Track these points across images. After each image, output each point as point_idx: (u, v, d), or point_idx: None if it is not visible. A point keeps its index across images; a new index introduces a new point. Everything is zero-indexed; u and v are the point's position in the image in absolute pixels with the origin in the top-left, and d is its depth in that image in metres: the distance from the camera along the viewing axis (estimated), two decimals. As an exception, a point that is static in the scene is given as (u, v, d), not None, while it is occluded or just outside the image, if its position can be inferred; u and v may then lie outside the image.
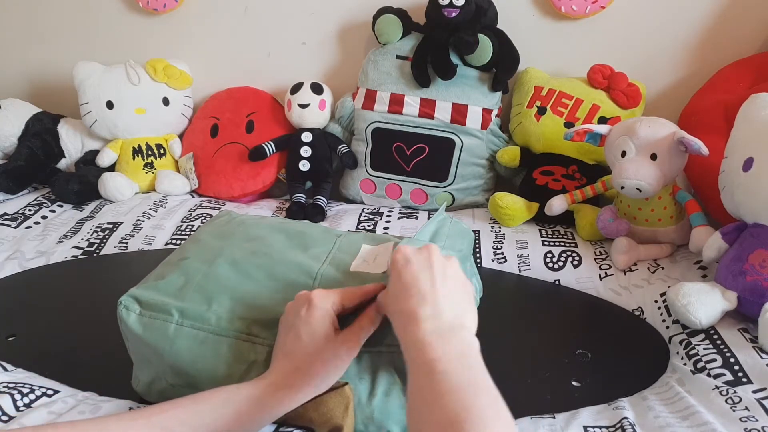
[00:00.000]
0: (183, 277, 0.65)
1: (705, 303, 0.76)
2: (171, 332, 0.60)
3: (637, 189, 0.92)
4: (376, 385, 0.56)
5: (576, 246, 1.04)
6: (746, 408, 0.62)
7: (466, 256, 0.75)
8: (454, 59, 1.20)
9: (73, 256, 1.06)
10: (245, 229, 0.74)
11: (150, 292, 0.63)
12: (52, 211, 1.25)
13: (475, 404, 0.40)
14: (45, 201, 1.28)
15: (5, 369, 0.71)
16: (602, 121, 1.17)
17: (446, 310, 0.50)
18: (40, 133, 1.38)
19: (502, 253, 1.03)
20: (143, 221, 1.17)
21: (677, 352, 0.76)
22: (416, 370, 0.46)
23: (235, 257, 0.67)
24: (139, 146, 1.36)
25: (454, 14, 1.17)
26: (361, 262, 0.65)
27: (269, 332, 0.58)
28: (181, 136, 1.43)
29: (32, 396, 0.64)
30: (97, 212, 1.23)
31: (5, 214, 1.21)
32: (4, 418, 0.60)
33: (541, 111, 1.21)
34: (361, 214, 1.22)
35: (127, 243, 1.10)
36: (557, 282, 0.97)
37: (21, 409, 0.61)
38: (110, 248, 1.08)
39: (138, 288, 0.65)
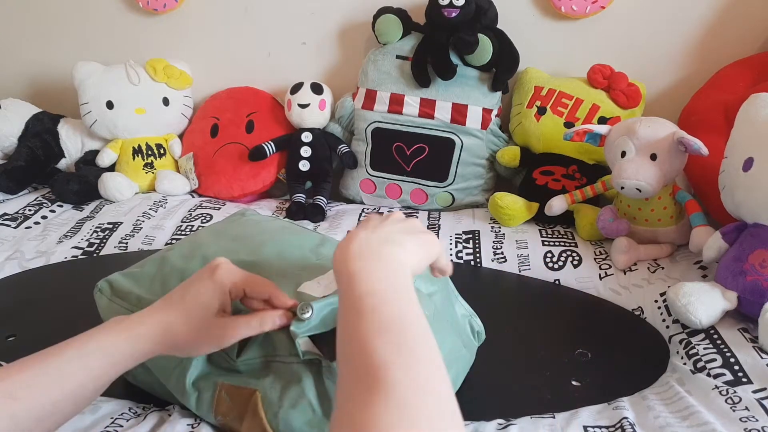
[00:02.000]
0: (157, 268, 0.67)
1: (705, 303, 0.76)
2: None
3: (637, 189, 0.92)
4: (284, 397, 0.54)
5: (576, 246, 1.04)
6: (746, 408, 0.62)
7: (446, 297, 0.69)
8: (454, 59, 1.20)
9: (73, 256, 1.06)
10: (243, 229, 0.74)
11: (124, 278, 0.66)
12: (52, 211, 1.25)
13: (405, 348, 0.37)
14: (45, 201, 1.28)
15: (5, 369, 0.71)
16: (602, 121, 1.17)
17: (381, 230, 0.47)
18: (40, 133, 1.38)
19: (502, 253, 1.03)
20: (143, 221, 1.17)
21: (677, 352, 0.76)
22: (344, 305, 0.42)
23: (207, 254, 0.67)
24: (139, 146, 1.36)
25: (454, 14, 1.17)
26: (314, 284, 0.60)
27: None
28: (181, 136, 1.43)
29: (32, 396, 0.64)
30: (97, 212, 1.23)
31: (5, 214, 1.21)
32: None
33: (541, 111, 1.21)
34: (361, 214, 1.22)
35: (127, 243, 1.10)
36: (557, 282, 0.97)
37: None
38: (110, 248, 1.08)
39: (117, 273, 0.67)
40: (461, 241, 1.08)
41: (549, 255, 1.02)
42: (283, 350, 0.56)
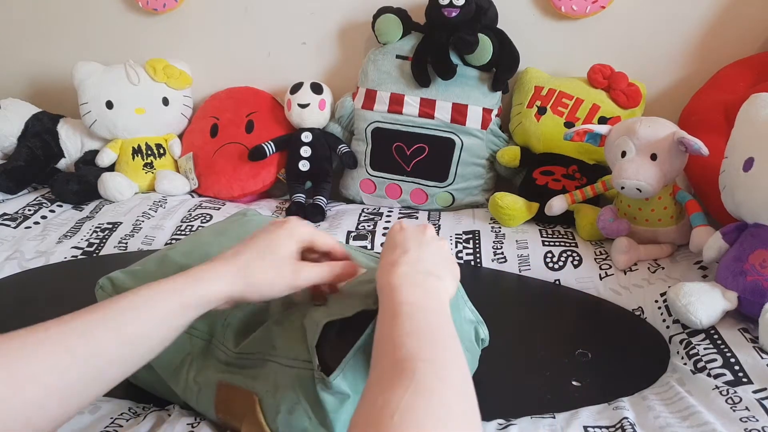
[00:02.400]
0: (158, 265, 0.67)
1: (705, 303, 0.76)
2: None
3: (637, 189, 0.92)
4: (281, 402, 0.54)
5: (576, 246, 1.03)
6: (746, 408, 0.62)
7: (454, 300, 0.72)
8: (454, 59, 1.20)
9: (72, 256, 1.06)
10: (244, 229, 0.74)
11: (126, 276, 0.66)
12: (52, 211, 1.25)
13: (432, 348, 0.40)
14: (45, 201, 1.28)
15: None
16: (602, 121, 1.17)
17: (424, 261, 0.52)
18: (40, 133, 1.38)
19: (502, 253, 1.03)
20: (143, 221, 1.17)
21: (677, 352, 0.76)
22: (382, 313, 0.46)
23: (209, 253, 0.67)
24: (139, 146, 1.36)
25: (454, 14, 1.17)
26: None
27: (205, 325, 0.61)
28: (180, 136, 1.43)
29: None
30: (97, 212, 1.23)
31: (5, 214, 1.21)
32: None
33: (542, 111, 1.20)
34: (360, 214, 1.22)
35: (126, 243, 1.10)
36: (557, 282, 0.97)
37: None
38: (110, 248, 1.08)
39: (119, 271, 0.67)
40: (461, 241, 1.08)
41: (549, 255, 1.02)
42: (283, 352, 0.56)
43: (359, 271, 0.58)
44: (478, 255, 1.04)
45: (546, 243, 1.05)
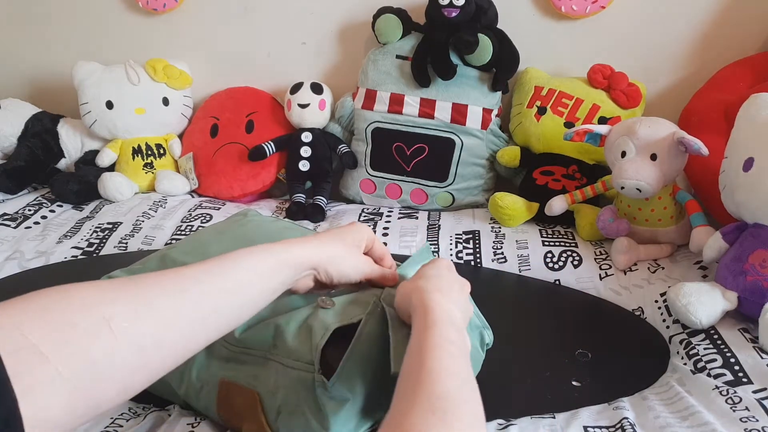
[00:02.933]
0: (159, 264, 0.67)
1: (705, 303, 0.76)
2: None
3: (637, 189, 0.92)
4: (282, 403, 0.55)
5: (576, 246, 1.03)
6: (746, 408, 0.62)
7: None
8: (454, 59, 1.20)
9: (72, 256, 1.06)
10: (245, 230, 0.74)
11: (126, 275, 0.66)
12: (52, 211, 1.25)
13: (466, 393, 0.43)
14: (45, 201, 1.28)
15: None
16: (602, 121, 1.17)
17: (462, 309, 0.56)
18: (40, 133, 1.38)
19: (502, 253, 1.03)
20: (143, 221, 1.17)
21: (677, 352, 0.76)
22: (419, 334, 0.48)
23: (210, 253, 0.67)
24: (139, 146, 1.36)
25: (454, 14, 1.17)
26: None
27: None
28: (180, 136, 1.43)
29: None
30: (97, 212, 1.23)
31: (5, 214, 1.21)
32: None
33: (541, 111, 1.20)
34: (361, 214, 1.22)
35: (126, 243, 1.10)
36: (557, 282, 0.97)
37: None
38: (110, 248, 1.08)
39: (119, 270, 0.67)
40: (461, 241, 1.08)
41: (549, 255, 1.02)
42: (284, 352, 0.56)
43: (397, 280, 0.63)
44: (478, 255, 1.04)
45: (546, 243, 1.05)
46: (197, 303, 0.44)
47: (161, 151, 1.38)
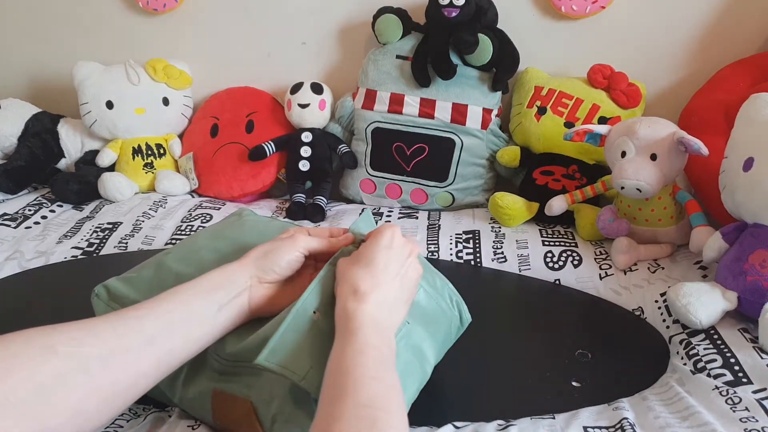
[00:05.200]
0: (154, 271, 0.67)
1: (705, 303, 0.76)
2: None
3: (637, 189, 0.92)
4: (277, 411, 0.54)
5: (576, 246, 1.04)
6: (746, 408, 0.62)
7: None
8: (454, 59, 1.20)
9: (72, 256, 1.06)
10: (241, 232, 0.74)
11: (121, 283, 0.66)
12: (52, 211, 1.25)
13: (390, 398, 0.44)
14: (45, 201, 1.28)
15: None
16: (602, 121, 1.17)
17: (392, 299, 0.54)
18: (40, 133, 1.38)
19: (502, 253, 1.03)
20: (143, 221, 1.17)
21: (677, 352, 0.76)
22: (343, 340, 0.48)
23: (205, 258, 0.67)
24: (139, 146, 1.36)
25: (454, 14, 1.17)
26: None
27: None
28: (181, 136, 1.43)
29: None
30: (97, 212, 1.23)
31: (5, 214, 1.21)
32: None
33: (541, 111, 1.20)
34: (360, 214, 1.22)
35: (126, 243, 1.10)
36: (557, 282, 0.97)
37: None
38: (110, 248, 1.08)
39: (114, 278, 0.67)
40: (461, 241, 1.08)
41: (549, 255, 1.02)
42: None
43: (352, 239, 0.61)
44: (478, 255, 1.04)
45: (546, 243, 1.05)
46: (141, 327, 0.46)
47: (161, 151, 1.38)
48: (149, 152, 1.37)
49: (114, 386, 0.42)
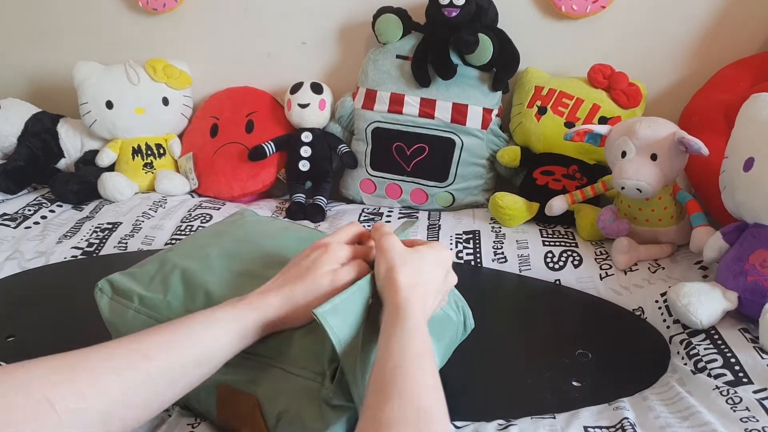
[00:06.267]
0: (158, 267, 0.67)
1: (706, 303, 0.76)
2: (129, 317, 0.62)
3: (638, 189, 0.92)
4: (282, 409, 0.54)
5: (576, 246, 1.03)
6: (747, 408, 0.62)
7: None
8: (455, 59, 1.20)
9: (72, 256, 1.06)
10: (244, 231, 0.74)
11: (125, 278, 0.66)
12: (52, 211, 1.25)
13: (444, 407, 0.44)
14: (44, 201, 1.28)
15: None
16: (602, 121, 1.17)
17: (433, 292, 0.56)
18: (40, 133, 1.38)
19: (503, 253, 1.03)
20: (143, 221, 1.17)
21: (678, 352, 0.76)
22: (400, 327, 0.48)
23: (209, 255, 0.67)
24: (139, 146, 1.36)
25: (454, 14, 1.17)
26: None
27: None
28: (180, 136, 1.43)
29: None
30: (97, 212, 1.23)
31: (5, 214, 1.21)
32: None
33: (542, 111, 1.20)
34: (361, 214, 1.22)
35: (126, 243, 1.10)
36: (558, 282, 0.97)
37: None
38: (110, 248, 1.08)
39: (117, 273, 0.67)
40: (461, 241, 1.08)
41: (549, 255, 1.02)
42: (292, 360, 0.55)
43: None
44: (478, 255, 1.04)
45: (546, 243, 1.05)
46: (150, 382, 0.44)
47: (161, 151, 1.38)
48: (149, 152, 1.37)
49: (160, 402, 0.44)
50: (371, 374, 0.46)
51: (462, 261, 1.03)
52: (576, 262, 0.99)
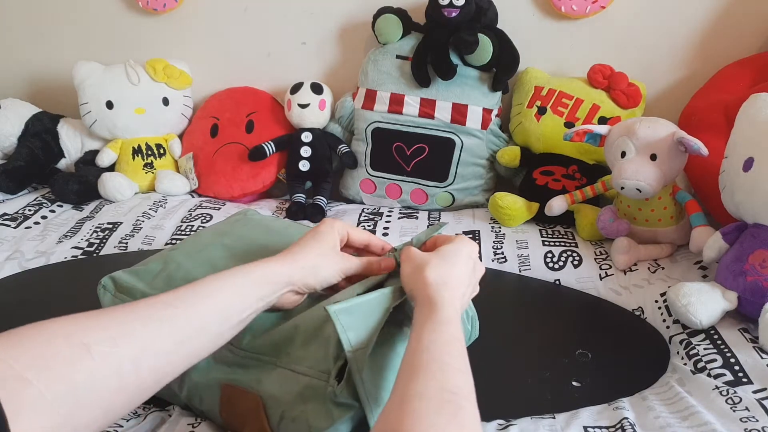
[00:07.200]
0: (161, 265, 0.67)
1: (705, 303, 0.76)
2: None
3: (637, 189, 0.92)
4: (285, 409, 0.54)
5: (576, 246, 1.04)
6: (746, 408, 0.62)
7: None
8: (454, 59, 1.20)
9: (72, 256, 1.06)
10: (246, 230, 0.74)
11: (128, 275, 0.66)
12: (52, 211, 1.25)
13: (472, 389, 0.45)
14: (45, 201, 1.28)
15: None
16: (602, 121, 1.17)
17: (467, 296, 0.59)
18: (40, 133, 1.38)
19: (503, 253, 1.03)
20: (143, 221, 1.17)
21: (677, 352, 0.76)
22: (431, 324, 0.49)
23: (212, 254, 0.68)
24: (139, 146, 1.36)
25: (454, 14, 1.17)
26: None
27: None
28: (180, 136, 1.43)
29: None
30: (97, 212, 1.23)
31: (5, 214, 1.21)
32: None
33: (542, 111, 1.20)
34: (361, 214, 1.22)
35: (126, 243, 1.10)
36: (557, 282, 0.97)
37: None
38: (110, 248, 1.08)
39: (121, 271, 0.67)
40: (461, 241, 1.08)
41: (549, 255, 1.02)
42: (297, 359, 0.55)
43: (392, 266, 0.62)
44: (478, 255, 1.03)
45: (546, 243, 1.05)
46: (174, 330, 0.46)
47: (161, 151, 1.38)
48: (149, 152, 1.37)
49: (141, 385, 0.43)
50: (402, 362, 0.47)
51: (462, 261, 1.03)
52: (576, 262, 0.99)
